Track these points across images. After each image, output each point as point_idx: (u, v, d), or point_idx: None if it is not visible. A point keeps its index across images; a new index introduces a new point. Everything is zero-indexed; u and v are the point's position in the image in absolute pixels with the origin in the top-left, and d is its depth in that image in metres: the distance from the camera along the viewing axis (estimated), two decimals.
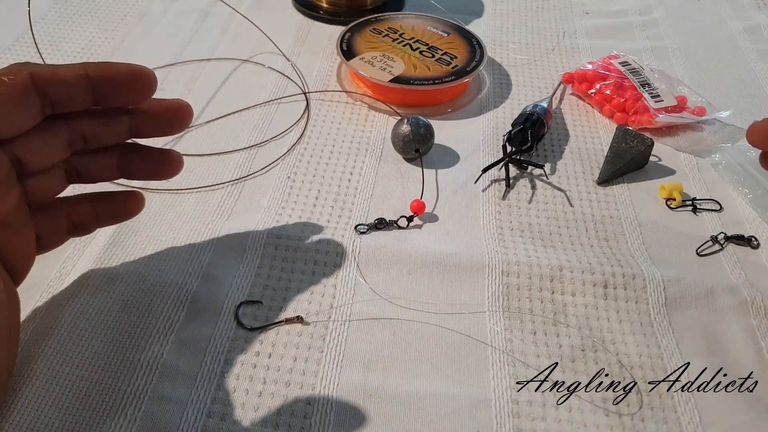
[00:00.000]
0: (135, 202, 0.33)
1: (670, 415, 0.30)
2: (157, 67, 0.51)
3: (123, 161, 0.31)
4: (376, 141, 0.45)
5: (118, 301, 0.33)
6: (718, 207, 0.41)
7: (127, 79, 0.27)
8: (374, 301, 0.34)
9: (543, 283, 0.35)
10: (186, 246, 0.36)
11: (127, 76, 0.27)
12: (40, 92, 0.26)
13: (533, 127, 0.44)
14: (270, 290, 0.34)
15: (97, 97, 0.27)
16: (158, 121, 0.30)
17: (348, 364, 0.31)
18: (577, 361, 0.32)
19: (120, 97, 0.28)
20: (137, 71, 0.28)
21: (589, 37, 0.58)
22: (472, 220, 0.39)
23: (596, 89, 0.49)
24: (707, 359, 0.32)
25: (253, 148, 0.44)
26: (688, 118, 0.47)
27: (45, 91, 0.26)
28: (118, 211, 0.32)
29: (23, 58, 0.51)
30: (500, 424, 0.29)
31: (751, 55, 0.56)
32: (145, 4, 0.59)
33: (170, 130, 0.31)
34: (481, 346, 0.32)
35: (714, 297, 0.35)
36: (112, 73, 0.27)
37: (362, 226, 0.38)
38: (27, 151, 0.27)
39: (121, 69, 0.27)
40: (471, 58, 0.49)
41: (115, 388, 0.29)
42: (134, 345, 0.31)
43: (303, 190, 0.41)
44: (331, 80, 0.51)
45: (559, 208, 0.41)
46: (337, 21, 0.58)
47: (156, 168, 0.31)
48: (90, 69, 0.27)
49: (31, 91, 0.25)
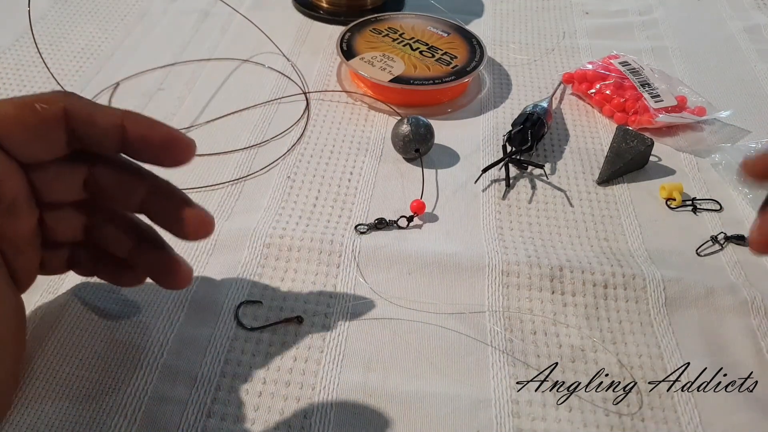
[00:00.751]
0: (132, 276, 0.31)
1: (670, 415, 0.30)
2: (157, 67, 0.51)
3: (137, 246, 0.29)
4: (376, 141, 0.45)
5: (118, 301, 0.33)
6: (718, 207, 0.41)
7: (162, 143, 0.26)
8: (374, 301, 0.34)
9: (543, 283, 0.35)
10: (186, 246, 0.36)
11: (163, 140, 0.26)
12: (68, 129, 0.25)
13: (533, 127, 0.44)
14: (270, 290, 0.34)
15: (126, 149, 0.27)
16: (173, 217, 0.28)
17: (348, 364, 0.31)
18: (577, 361, 0.32)
19: (150, 157, 0.27)
20: (174, 137, 0.26)
21: (589, 37, 0.58)
22: (472, 220, 0.39)
23: (596, 89, 0.49)
24: (707, 359, 0.32)
25: (253, 148, 0.44)
26: (688, 118, 0.47)
27: (75, 129, 0.25)
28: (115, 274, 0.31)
29: (23, 58, 0.51)
30: (500, 424, 0.29)
31: (751, 55, 0.56)
32: (145, 4, 0.59)
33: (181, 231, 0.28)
34: (481, 346, 0.32)
35: (714, 297, 0.35)
36: (149, 132, 0.26)
37: (362, 226, 0.38)
38: (42, 179, 0.26)
39: (160, 131, 0.26)
40: (471, 58, 0.49)
41: (115, 388, 0.29)
42: (134, 345, 0.31)
43: (303, 190, 0.41)
44: (331, 80, 0.51)
45: (559, 208, 0.41)
46: (337, 21, 0.58)
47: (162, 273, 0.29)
48: (128, 121, 0.26)
49: (60, 126, 0.25)
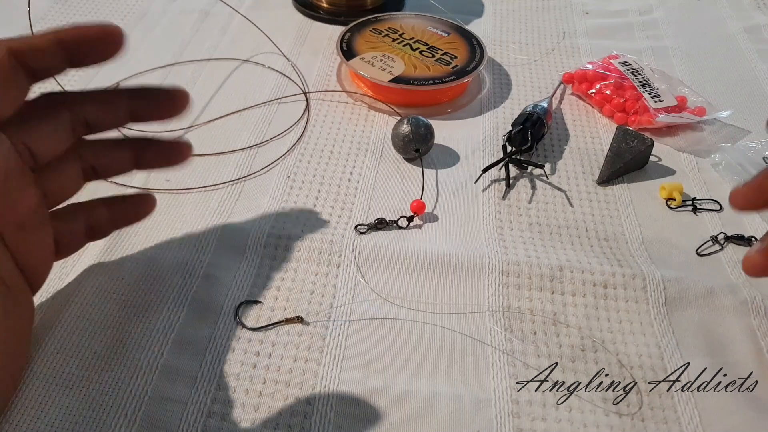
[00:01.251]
0: (148, 202, 0.34)
1: (670, 415, 0.30)
2: (157, 67, 0.51)
3: (136, 153, 0.32)
4: (376, 141, 0.45)
5: (118, 301, 0.33)
6: (718, 207, 0.41)
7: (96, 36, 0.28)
8: (374, 301, 0.34)
9: (543, 283, 0.35)
10: (186, 246, 0.36)
11: (97, 33, 0.28)
12: (22, 65, 0.26)
13: (533, 127, 0.44)
14: (270, 290, 0.34)
15: (72, 59, 0.28)
16: (156, 103, 0.30)
17: (348, 364, 0.31)
18: (577, 361, 0.32)
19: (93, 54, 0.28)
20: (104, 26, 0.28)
21: (589, 37, 0.58)
22: (472, 220, 0.39)
23: (596, 89, 0.49)
24: (707, 359, 0.32)
25: (253, 148, 0.44)
26: (688, 118, 0.47)
27: (25, 62, 0.26)
28: (133, 212, 0.34)
29: None
30: (500, 424, 0.29)
31: (751, 55, 0.56)
32: (145, 4, 0.59)
33: (168, 113, 0.31)
34: (481, 346, 0.32)
35: (714, 297, 0.35)
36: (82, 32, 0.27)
37: (362, 226, 0.38)
38: (34, 138, 0.27)
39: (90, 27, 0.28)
40: (471, 58, 0.49)
41: (115, 388, 0.29)
42: (134, 345, 0.31)
43: (303, 190, 0.41)
44: (331, 80, 0.51)
45: (559, 208, 0.41)
46: (337, 21, 0.58)
47: (167, 156, 0.32)
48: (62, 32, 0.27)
49: (14, 66, 0.26)
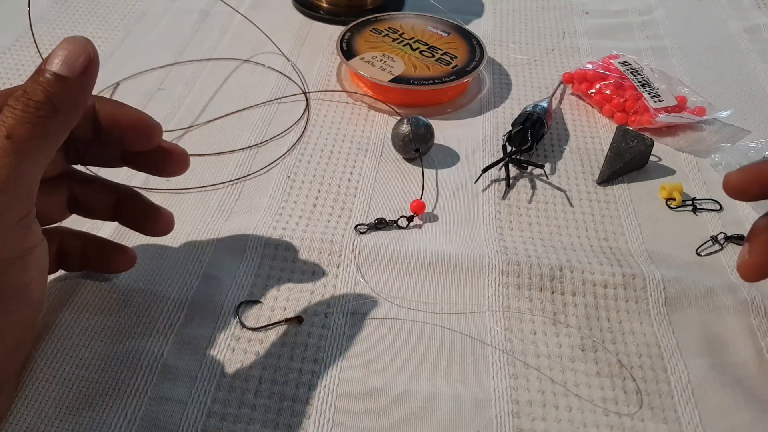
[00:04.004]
0: (123, 259, 0.32)
1: (670, 415, 0.30)
2: (157, 67, 0.51)
3: (118, 204, 0.31)
4: (376, 141, 0.45)
5: (118, 301, 0.33)
6: (718, 207, 0.41)
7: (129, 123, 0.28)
8: (374, 301, 0.34)
9: (543, 283, 0.35)
10: (186, 246, 0.36)
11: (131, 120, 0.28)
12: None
13: (533, 127, 0.44)
14: (270, 290, 0.34)
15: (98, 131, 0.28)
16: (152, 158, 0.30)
17: (348, 364, 0.31)
18: (577, 361, 0.32)
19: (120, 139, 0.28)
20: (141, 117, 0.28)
21: (589, 37, 0.58)
22: (472, 220, 0.39)
23: (596, 89, 0.49)
24: (707, 359, 0.32)
25: (253, 148, 0.44)
26: (688, 118, 0.47)
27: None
28: (103, 260, 0.32)
29: (23, 58, 0.51)
30: (500, 424, 0.29)
31: (751, 55, 0.56)
32: (145, 4, 0.59)
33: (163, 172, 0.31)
34: (481, 346, 0.32)
35: (714, 297, 0.35)
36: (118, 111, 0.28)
37: (362, 226, 0.38)
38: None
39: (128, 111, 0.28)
40: (471, 58, 0.49)
41: (115, 388, 0.29)
42: (134, 345, 0.31)
43: (303, 190, 0.41)
44: (331, 80, 0.51)
45: (559, 208, 0.41)
46: (337, 21, 0.58)
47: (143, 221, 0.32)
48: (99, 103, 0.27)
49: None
